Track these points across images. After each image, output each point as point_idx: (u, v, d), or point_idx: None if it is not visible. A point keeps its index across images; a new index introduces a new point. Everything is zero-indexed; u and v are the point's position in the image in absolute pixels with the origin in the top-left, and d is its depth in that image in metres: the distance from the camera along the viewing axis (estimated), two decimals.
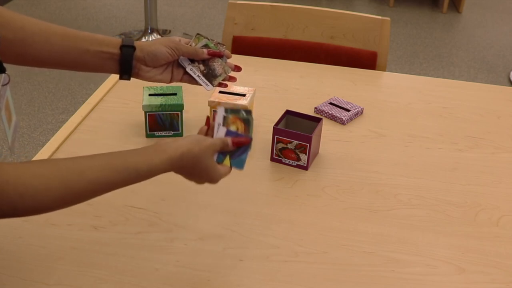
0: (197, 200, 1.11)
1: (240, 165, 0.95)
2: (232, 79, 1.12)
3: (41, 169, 0.75)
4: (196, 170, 0.90)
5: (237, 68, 1.11)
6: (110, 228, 1.03)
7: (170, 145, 0.87)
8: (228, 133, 0.96)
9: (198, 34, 1.09)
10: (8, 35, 0.91)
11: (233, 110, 0.97)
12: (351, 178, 1.19)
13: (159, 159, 0.84)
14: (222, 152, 0.95)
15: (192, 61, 1.08)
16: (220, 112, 0.97)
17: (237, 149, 0.96)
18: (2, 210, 0.72)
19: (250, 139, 0.96)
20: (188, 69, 1.07)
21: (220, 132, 0.96)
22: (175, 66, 1.07)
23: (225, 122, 0.97)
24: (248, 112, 0.97)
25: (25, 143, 2.73)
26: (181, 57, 1.07)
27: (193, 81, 1.09)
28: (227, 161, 0.95)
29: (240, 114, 0.97)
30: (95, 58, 0.98)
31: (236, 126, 0.97)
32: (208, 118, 0.99)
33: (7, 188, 0.71)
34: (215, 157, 0.93)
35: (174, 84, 1.45)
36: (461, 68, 3.73)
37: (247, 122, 0.97)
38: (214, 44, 1.09)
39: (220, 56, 1.09)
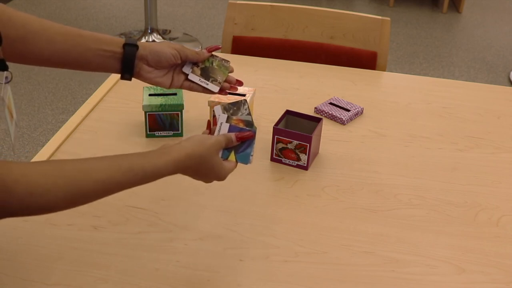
0: (197, 200, 1.11)
1: (246, 159, 0.96)
2: (233, 88, 1.11)
3: (48, 168, 0.76)
4: (202, 169, 0.90)
5: (239, 83, 1.09)
6: (110, 228, 1.03)
7: (174, 148, 0.87)
8: (231, 128, 0.97)
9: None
10: (9, 33, 0.90)
11: (230, 105, 0.98)
12: (351, 178, 1.19)
13: (163, 161, 0.85)
14: (227, 148, 0.95)
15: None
16: (218, 111, 0.97)
17: (241, 144, 0.96)
18: (12, 209, 0.72)
19: (254, 133, 0.96)
20: (189, 76, 1.06)
21: (223, 128, 0.97)
22: (176, 72, 1.06)
23: (227, 121, 0.97)
24: (245, 102, 0.98)
25: (25, 143, 2.73)
26: (185, 65, 1.07)
27: (193, 87, 1.08)
28: (232, 156, 0.95)
29: (242, 115, 0.98)
30: (98, 57, 0.98)
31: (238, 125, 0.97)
32: (209, 121, 0.99)
33: (16, 186, 0.72)
34: (220, 154, 0.94)
35: None
36: (461, 68, 3.73)
37: (249, 124, 0.97)
38: (218, 61, 1.08)
39: (216, 49, 1.09)
